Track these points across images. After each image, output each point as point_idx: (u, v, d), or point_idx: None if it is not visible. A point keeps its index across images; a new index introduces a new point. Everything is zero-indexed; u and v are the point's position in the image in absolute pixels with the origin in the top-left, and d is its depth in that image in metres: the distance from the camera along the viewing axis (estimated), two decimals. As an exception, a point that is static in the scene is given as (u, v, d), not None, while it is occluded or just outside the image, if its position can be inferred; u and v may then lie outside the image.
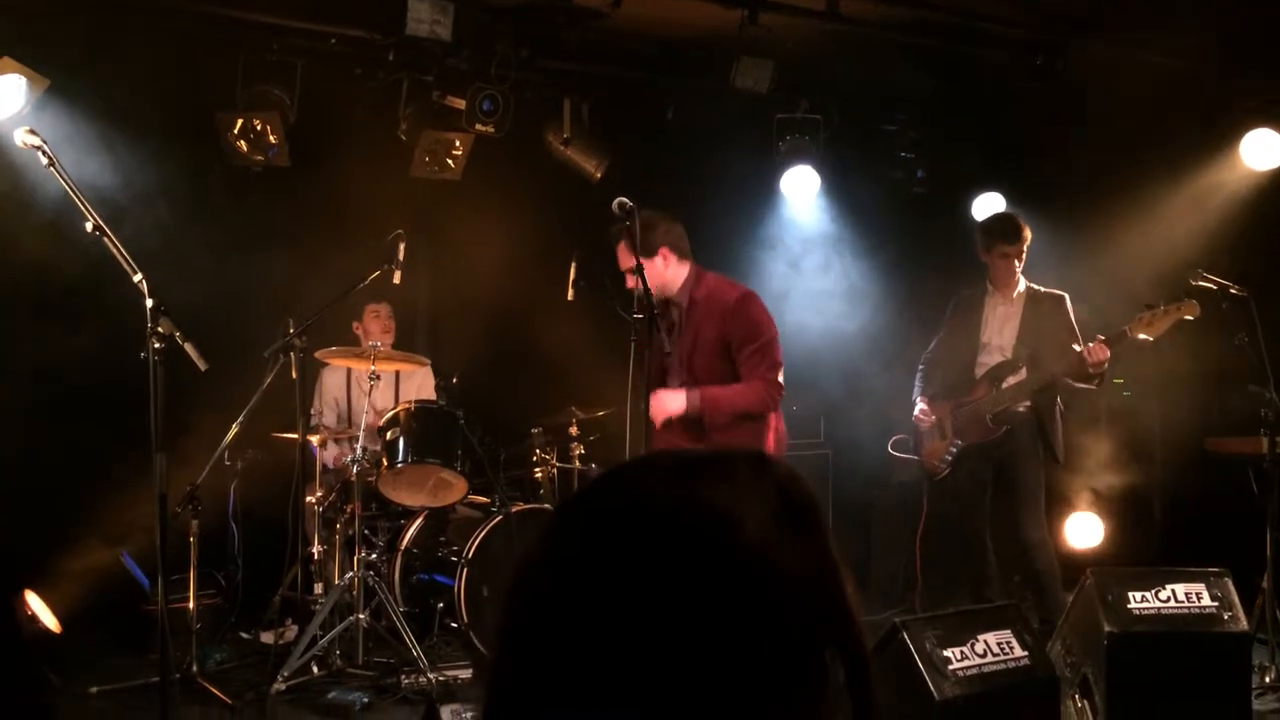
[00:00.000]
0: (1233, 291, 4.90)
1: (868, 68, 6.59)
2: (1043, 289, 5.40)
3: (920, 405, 5.60)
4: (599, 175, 6.69)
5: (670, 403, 4.30)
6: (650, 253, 4.33)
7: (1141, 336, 4.92)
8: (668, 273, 4.40)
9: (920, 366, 5.72)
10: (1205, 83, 6.13)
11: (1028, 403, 5.27)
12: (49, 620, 5.05)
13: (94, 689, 4.78)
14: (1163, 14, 5.62)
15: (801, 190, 6.94)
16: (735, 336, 4.34)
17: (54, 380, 5.40)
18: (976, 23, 5.98)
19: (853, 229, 7.26)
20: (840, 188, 7.13)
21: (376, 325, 6.09)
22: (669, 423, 4.30)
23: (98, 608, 5.25)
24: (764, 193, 7.10)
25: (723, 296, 4.38)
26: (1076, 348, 5.04)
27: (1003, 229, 5.43)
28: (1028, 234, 5.38)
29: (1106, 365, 5.02)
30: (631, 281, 4.31)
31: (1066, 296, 5.35)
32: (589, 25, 5.91)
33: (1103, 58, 6.10)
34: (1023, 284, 5.41)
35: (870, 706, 0.90)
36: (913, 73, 6.64)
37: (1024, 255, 5.36)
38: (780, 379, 4.40)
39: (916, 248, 7.20)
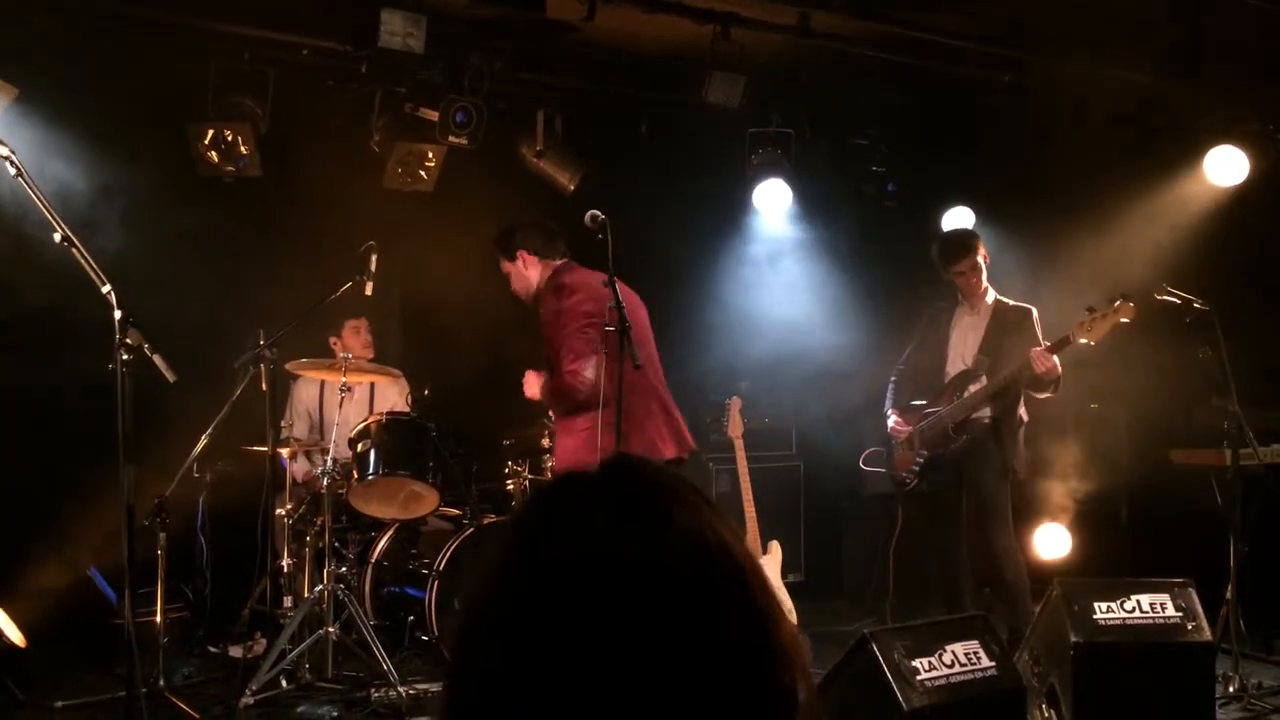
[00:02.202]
0: (1196, 306, 4.96)
1: (839, 82, 6.65)
2: (1011, 302, 5.46)
3: (894, 417, 5.64)
4: (572, 187, 6.71)
5: (532, 384, 4.60)
6: (510, 256, 4.63)
7: (1083, 341, 4.97)
8: (528, 273, 4.71)
9: (893, 378, 5.77)
10: (1170, 100, 6.23)
11: (988, 414, 5.31)
12: (14, 634, 4.99)
13: (59, 703, 4.72)
14: (1129, 32, 5.71)
15: (773, 203, 6.98)
16: (544, 328, 4.57)
17: (20, 392, 5.35)
18: (946, 39, 6.05)
19: (824, 242, 7.32)
20: (812, 201, 7.18)
21: (357, 340, 6.08)
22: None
23: (64, 621, 5.19)
24: (736, 206, 7.14)
25: (546, 289, 4.62)
26: (1030, 352, 5.08)
27: (944, 253, 5.49)
28: (976, 248, 5.40)
29: (1056, 372, 5.07)
30: (511, 287, 4.78)
31: (1034, 310, 5.40)
32: (562, 38, 5.94)
33: (1070, 74, 6.18)
34: (992, 296, 5.47)
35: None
36: (884, 88, 6.71)
37: (978, 268, 5.39)
38: (576, 368, 4.36)
39: (888, 261, 7.26)
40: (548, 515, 0.89)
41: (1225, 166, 6.21)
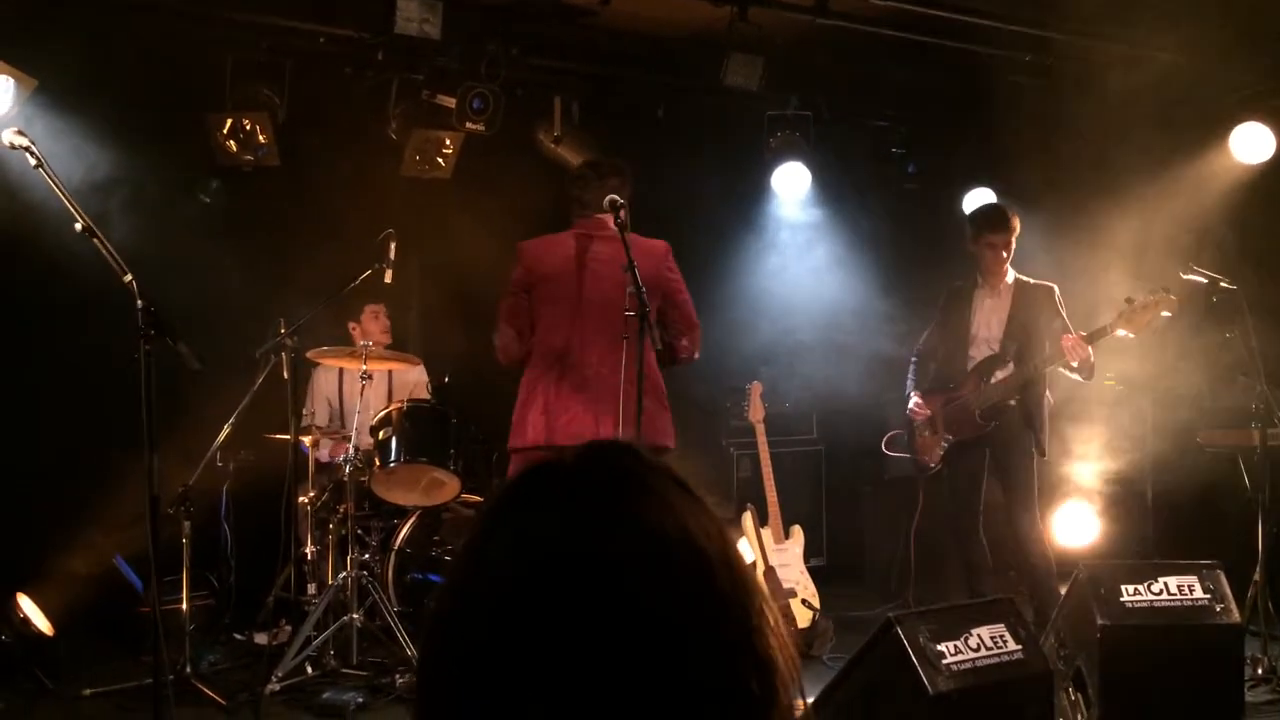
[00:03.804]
0: (1223, 285, 4.91)
1: (858, 64, 6.60)
2: (1032, 280, 5.39)
3: (914, 400, 5.59)
4: (590, 173, 6.68)
5: None
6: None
7: (1121, 333, 4.91)
8: None
9: (912, 359, 5.72)
10: (1195, 76, 6.15)
11: (1016, 397, 5.27)
12: (42, 623, 5.04)
13: (87, 691, 4.77)
14: (1152, 8, 5.64)
15: (792, 186, 6.94)
16: None
17: (45, 382, 5.39)
18: (966, 18, 5.99)
19: (843, 225, 7.27)
20: (831, 184, 7.14)
21: (376, 326, 6.08)
22: None
23: (91, 610, 5.23)
24: (755, 189, 7.11)
25: None
26: (1063, 339, 5.03)
27: (989, 219, 5.40)
28: (1015, 224, 5.32)
29: (1090, 360, 5.02)
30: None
31: (1055, 288, 5.34)
32: (579, 23, 5.91)
33: (1092, 51, 6.11)
34: (1012, 275, 5.40)
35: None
36: (903, 68, 6.65)
37: (1011, 246, 5.33)
38: (494, 335, 4.40)
39: (907, 243, 7.21)
40: (508, 507, 0.88)
41: (1252, 143, 6.14)
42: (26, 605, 5.03)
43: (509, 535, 0.85)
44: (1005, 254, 5.32)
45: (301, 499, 5.46)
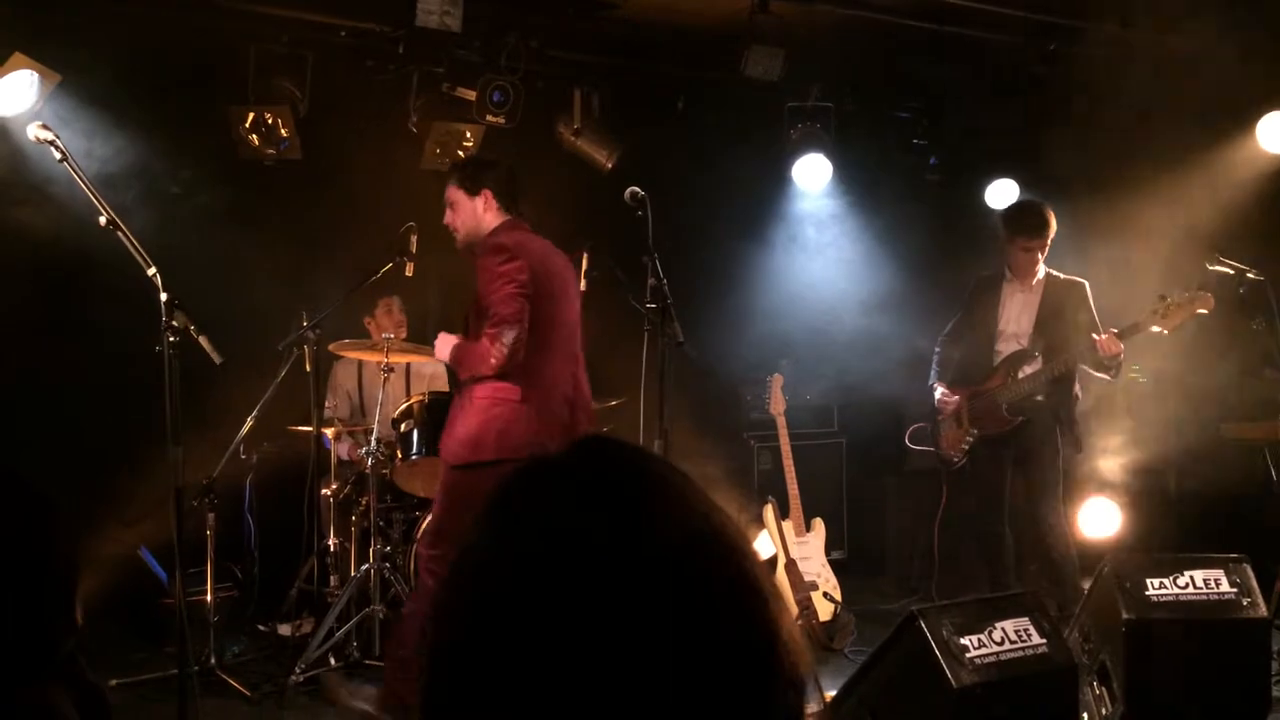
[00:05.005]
0: (1250, 276, 4.87)
1: (879, 54, 6.56)
2: (1063, 275, 5.33)
3: (940, 391, 5.54)
4: (610, 165, 6.68)
5: (440, 348, 4.34)
6: (473, 191, 4.34)
7: (1155, 329, 4.87)
8: (483, 215, 4.37)
9: (936, 349, 5.66)
10: (1220, 66, 6.08)
11: (1044, 393, 5.22)
12: (68, 613, 5.07)
13: (113, 681, 4.80)
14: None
15: (813, 179, 6.91)
16: (477, 289, 4.22)
17: (70, 374, 5.42)
18: (989, 8, 5.94)
19: (865, 217, 7.24)
20: (852, 176, 7.10)
21: (389, 320, 6.10)
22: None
23: (116, 601, 5.27)
24: (775, 181, 7.08)
25: (481, 246, 4.29)
26: (1095, 337, 4.98)
27: (1026, 223, 5.22)
28: (1053, 227, 5.19)
29: (1120, 357, 4.97)
30: (447, 217, 4.41)
31: (1087, 284, 5.29)
32: (599, 15, 5.90)
33: (1116, 42, 6.05)
34: (1042, 270, 5.34)
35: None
36: (925, 59, 6.60)
37: (1046, 249, 5.23)
38: (502, 337, 4.06)
39: (929, 235, 7.17)
40: (511, 501, 0.87)
41: (1278, 133, 6.07)
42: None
43: (511, 529, 0.84)
44: (1040, 256, 5.24)
45: (324, 491, 5.49)
